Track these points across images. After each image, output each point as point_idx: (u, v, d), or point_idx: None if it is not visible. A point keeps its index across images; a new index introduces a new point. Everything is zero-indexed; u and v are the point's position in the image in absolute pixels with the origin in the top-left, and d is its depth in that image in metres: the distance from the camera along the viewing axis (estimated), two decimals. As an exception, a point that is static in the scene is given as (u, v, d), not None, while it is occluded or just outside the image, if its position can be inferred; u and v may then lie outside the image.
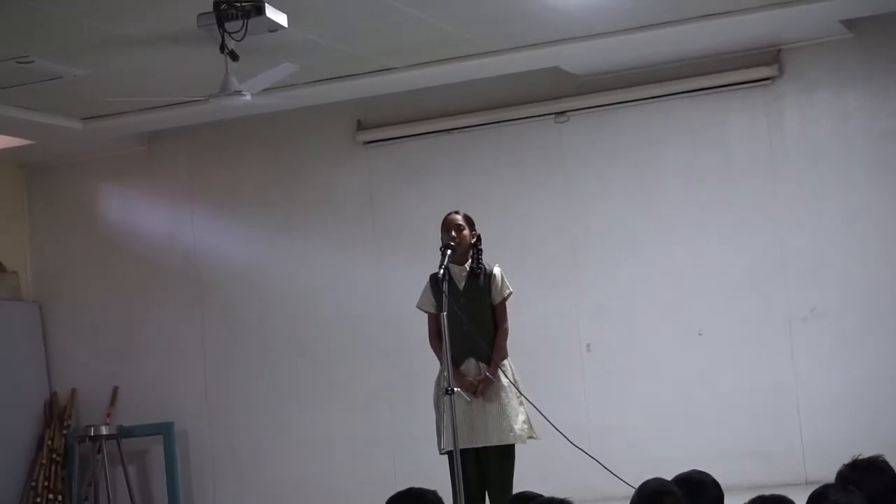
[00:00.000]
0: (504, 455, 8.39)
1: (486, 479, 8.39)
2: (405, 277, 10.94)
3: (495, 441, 8.33)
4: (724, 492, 5.37)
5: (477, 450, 8.34)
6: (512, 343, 8.57)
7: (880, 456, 5.27)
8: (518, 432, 8.36)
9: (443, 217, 8.56)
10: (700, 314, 11.54)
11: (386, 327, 12.32)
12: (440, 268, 8.18)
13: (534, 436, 8.47)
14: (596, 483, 10.82)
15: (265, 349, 12.82)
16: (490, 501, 8.36)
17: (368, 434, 12.42)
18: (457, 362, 8.31)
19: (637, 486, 5.00)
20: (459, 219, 8.48)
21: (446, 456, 8.18)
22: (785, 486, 10.78)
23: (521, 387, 8.49)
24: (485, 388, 8.36)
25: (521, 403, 8.45)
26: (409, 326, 9.34)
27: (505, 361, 8.47)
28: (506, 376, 8.43)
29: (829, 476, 5.28)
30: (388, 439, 12.33)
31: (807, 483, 10.90)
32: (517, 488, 8.34)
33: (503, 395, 8.39)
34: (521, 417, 8.40)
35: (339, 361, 12.58)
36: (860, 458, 5.24)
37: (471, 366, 8.41)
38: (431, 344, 8.51)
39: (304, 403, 12.66)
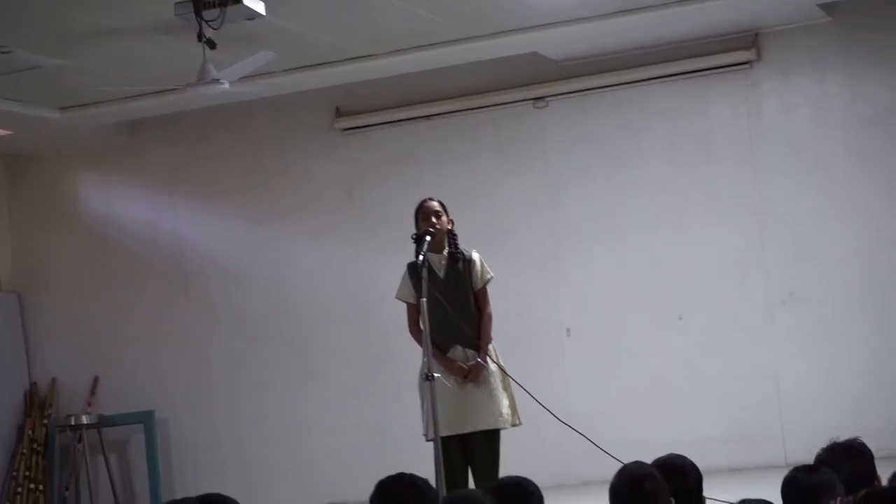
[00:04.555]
0: (490, 440, 8.38)
1: (473, 464, 8.38)
2: (386, 264, 10.89)
3: (482, 426, 8.32)
4: (705, 475, 5.39)
5: (462, 436, 8.33)
6: (493, 329, 8.56)
7: (857, 438, 5.28)
8: (504, 416, 8.37)
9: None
10: (680, 299, 11.57)
11: (367, 315, 12.31)
12: (418, 255, 8.16)
13: (517, 422, 8.48)
14: (578, 467, 10.88)
15: (246, 337, 12.81)
16: (476, 486, 8.36)
17: (351, 422, 12.42)
18: (443, 350, 8.31)
19: (617, 470, 5.02)
20: (436, 205, 8.46)
21: (431, 442, 8.17)
22: (765, 469, 10.82)
23: (504, 372, 8.49)
24: (476, 374, 8.36)
25: (505, 388, 8.46)
26: (391, 314, 9.34)
27: (490, 346, 8.47)
28: (493, 361, 8.44)
29: (809, 459, 5.29)
30: (371, 427, 12.33)
31: (787, 465, 10.86)
32: (501, 473, 8.36)
33: (491, 380, 8.39)
34: (506, 402, 8.42)
35: (321, 350, 12.58)
36: (837, 441, 5.25)
37: (457, 353, 8.40)
38: (412, 334, 8.48)
39: (286, 392, 12.66)
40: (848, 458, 5.14)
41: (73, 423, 12.81)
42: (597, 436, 8.70)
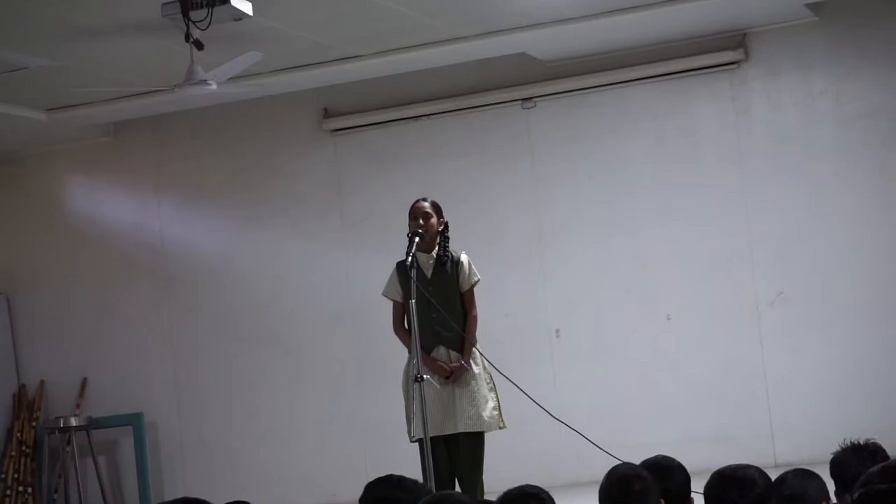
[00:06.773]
0: (474, 442, 8.39)
1: (457, 466, 8.39)
2: (373, 265, 10.90)
3: (463, 428, 8.33)
4: (694, 475, 5.39)
5: (447, 437, 8.34)
6: (480, 329, 8.58)
7: (873, 440, 5.24)
8: (487, 420, 8.37)
9: (410, 204, 8.56)
10: (668, 299, 11.57)
11: (354, 316, 12.30)
12: (407, 255, 8.19)
13: (502, 425, 8.48)
14: (566, 468, 10.86)
15: (233, 338, 12.80)
16: (460, 488, 8.37)
17: (338, 422, 12.41)
18: (427, 351, 8.32)
19: (607, 471, 5.01)
20: (427, 206, 8.48)
21: (417, 443, 8.19)
22: (754, 469, 10.83)
23: (490, 374, 8.50)
24: (458, 376, 8.37)
25: (490, 391, 8.46)
26: (378, 314, 9.34)
27: (474, 349, 8.47)
28: (476, 364, 8.44)
29: (798, 459, 5.31)
30: (357, 427, 12.32)
31: (776, 466, 10.94)
32: (487, 475, 8.38)
33: (473, 382, 8.40)
34: (491, 405, 8.42)
35: (308, 350, 12.57)
36: (857, 441, 5.22)
37: (441, 354, 8.42)
38: (396, 332, 8.54)
39: (274, 392, 12.65)
40: (868, 458, 5.09)
41: (61, 425, 12.77)
42: (586, 436, 8.72)
